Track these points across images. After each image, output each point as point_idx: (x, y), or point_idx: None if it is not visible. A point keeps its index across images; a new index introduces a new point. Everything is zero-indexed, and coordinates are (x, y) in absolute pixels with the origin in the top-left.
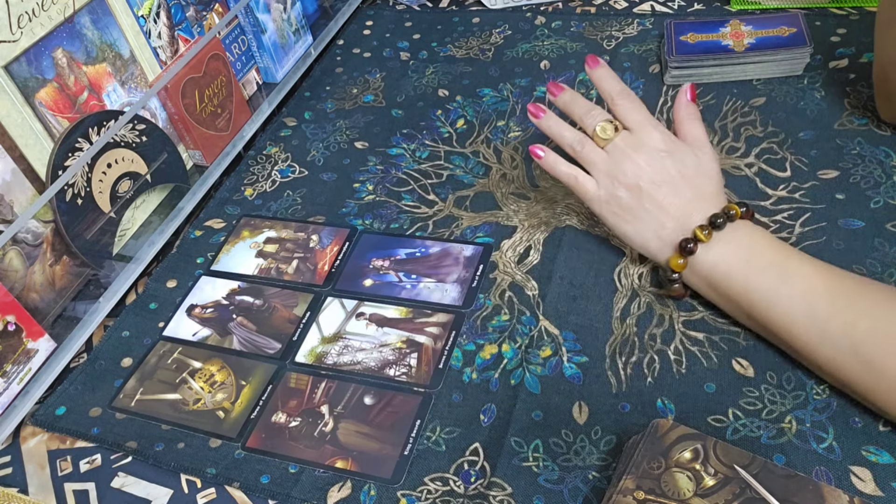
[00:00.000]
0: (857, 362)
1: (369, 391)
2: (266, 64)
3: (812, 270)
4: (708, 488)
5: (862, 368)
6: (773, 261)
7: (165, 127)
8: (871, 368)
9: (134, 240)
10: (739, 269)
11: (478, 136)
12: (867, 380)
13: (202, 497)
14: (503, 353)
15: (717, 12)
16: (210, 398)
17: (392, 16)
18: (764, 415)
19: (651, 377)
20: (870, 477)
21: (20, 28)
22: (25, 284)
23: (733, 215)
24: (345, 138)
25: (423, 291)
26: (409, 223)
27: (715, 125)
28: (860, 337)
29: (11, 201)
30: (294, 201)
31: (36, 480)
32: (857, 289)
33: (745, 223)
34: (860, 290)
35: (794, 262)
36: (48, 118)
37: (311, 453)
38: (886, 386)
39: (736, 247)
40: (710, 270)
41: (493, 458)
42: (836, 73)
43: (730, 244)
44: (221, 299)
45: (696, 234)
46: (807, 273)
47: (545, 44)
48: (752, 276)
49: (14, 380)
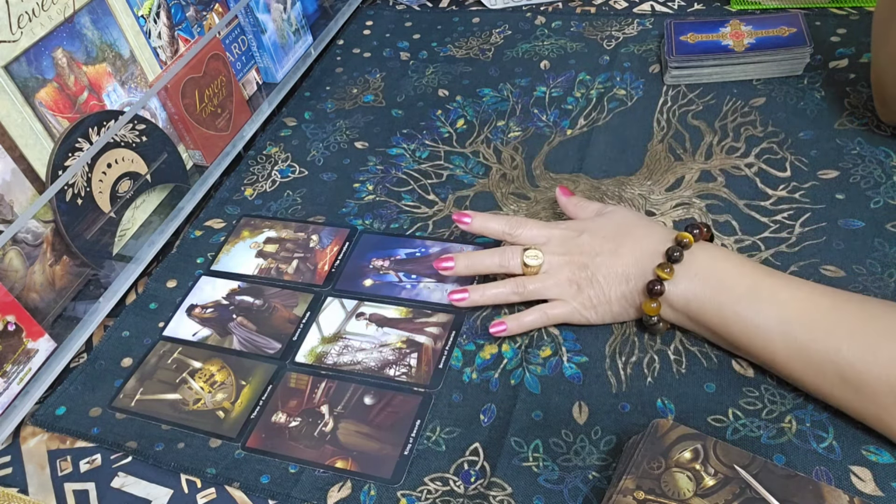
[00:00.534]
0: (845, 388)
1: (369, 391)
2: (266, 64)
3: (788, 296)
4: (708, 488)
5: (851, 393)
6: (746, 290)
7: (165, 127)
8: (860, 394)
9: (134, 240)
10: (712, 304)
11: (478, 136)
12: (859, 404)
13: (202, 497)
14: (503, 353)
15: (717, 12)
16: (210, 398)
17: (392, 16)
18: (764, 415)
19: (651, 377)
20: (870, 477)
21: (20, 28)
22: (25, 284)
23: (686, 243)
24: (345, 138)
25: (423, 291)
26: (409, 223)
27: (715, 125)
28: (844, 364)
29: (11, 201)
30: (294, 201)
31: (36, 480)
32: (836, 310)
33: (703, 247)
34: (839, 310)
35: (765, 288)
36: (48, 118)
37: (311, 453)
38: (875, 410)
39: (703, 279)
40: (685, 307)
41: (493, 458)
42: (836, 73)
43: (696, 277)
44: (221, 299)
45: (658, 275)
46: (782, 299)
47: (545, 44)
48: (726, 308)
49: (14, 380)
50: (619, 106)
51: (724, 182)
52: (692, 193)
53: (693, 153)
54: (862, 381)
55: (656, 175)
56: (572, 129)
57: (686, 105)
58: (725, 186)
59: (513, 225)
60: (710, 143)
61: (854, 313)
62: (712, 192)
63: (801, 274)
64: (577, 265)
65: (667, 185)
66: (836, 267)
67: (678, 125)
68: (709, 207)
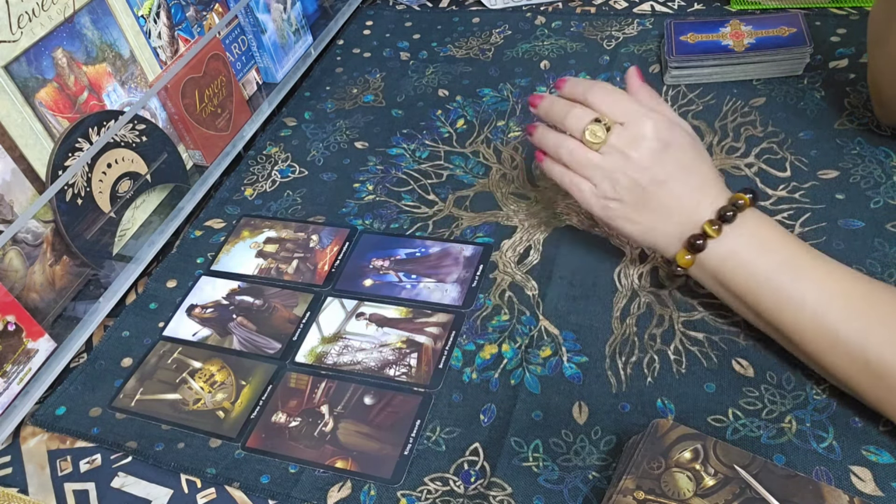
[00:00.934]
0: (868, 374)
1: (369, 391)
2: (266, 64)
3: (825, 272)
4: (708, 488)
5: (873, 380)
6: (785, 259)
7: (165, 127)
8: (882, 381)
9: (134, 240)
10: (749, 266)
11: (478, 136)
12: (878, 391)
13: (202, 497)
14: (503, 353)
15: (717, 12)
16: (210, 398)
17: (392, 16)
18: (764, 415)
19: (651, 377)
20: (870, 477)
21: (20, 28)
22: (25, 284)
23: (742, 205)
24: (345, 138)
25: (423, 291)
26: (409, 223)
27: (715, 125)
28: (872, 348)
29: (11, 201)
30: (294, 201)
31: (36, 480)
32: (872, 296)
33: (753, 212)
34: (875, 297)
35: (806, 261)
36: (48, 118)
37: (311, 453)
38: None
39: (747, 241)
40: (719, 266)
41: (493, 458)
42: (836, 73)
43: (740, 238)
44: (221, 299)
45: (705, 230)
46: (820, 275)
47: (545, 44)
48: (762, 274)
49: (14, 380)
50: None
51: (724, 182)
52: None
53: None
54: (886, 369)
55: None
56: None
57: (686, 105)
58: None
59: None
60: (710, 142)
61: (889, 303)
62: None
63: None
64: (637, 175)
65: None
66: None
67: None
68: None
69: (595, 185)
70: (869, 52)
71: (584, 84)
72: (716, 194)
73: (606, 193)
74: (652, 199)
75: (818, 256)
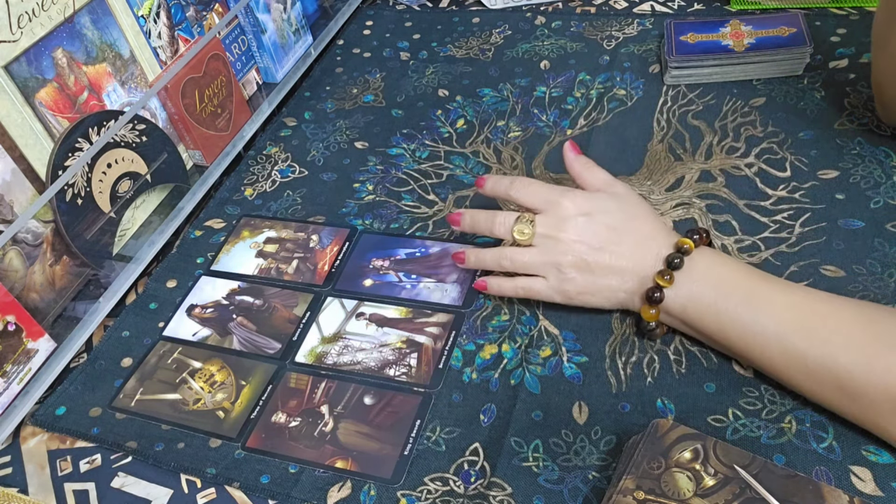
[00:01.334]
0: (843, 396)
1: (369, 391)
2: (266, 64)
3: (784, 304)
4: (708, 488)
5: (849, 401)
6: (743, 296)
7: (165, 127)
8: (857, 402)
9: (134, 240)
10: (712, 308)
11: (478, 136)
12: (855, 411)
13: (202, 497)
14: (503, 353)
15: (717, 12)
16: (210, 398)
17: (392, 16)
18: (764, 415)
19: (651, 377)
20: (870, 477)
21: (20, 28)
22: (25, 284)
23: (687, 249)
24: (345, 138)
25: (423, 291)
26: (409, 223)
27: (715, 125)
28: (841, 372)
29: (11, 201)
30: (294, 201)
31: (36, 480)
32: (833, 318)
33: (703, 252)
34: (837, 318)
35: (763, 294)
36: (48, 118)
37: (311, 453)
38: (873, 418)
39: (701, 285)
40: (683, 312)
41: (493, 458)
42: (836, 73)
43: (694, 283)
44: (221, 299)
45: (657, 282)
46: (778, 308)
47: (545, 44)
48: (725, 314)
49: (14, 380)
50: (619, 106)
51: (724, 182)
52: (692, 193)
53: (693, 153)
54: (859, 389)
55: (656, 175)
56: (572, 129)
57: (686, 105)
58: (725, 186)
59: (516, 183)
60: (710, 143)
61: (851, 320)
62: (712, 192)
63: (801, 274)
64: (573, 251)
65: (667, 185)
66: (836, 267)
67: (678, 125)
68: (709, 207)
69: (545, 278)
70: (872, 53)
71: (504, 182)
72: (660, 244)
73: (557, 279)
74: (598, 267)
75: (775, 285)
